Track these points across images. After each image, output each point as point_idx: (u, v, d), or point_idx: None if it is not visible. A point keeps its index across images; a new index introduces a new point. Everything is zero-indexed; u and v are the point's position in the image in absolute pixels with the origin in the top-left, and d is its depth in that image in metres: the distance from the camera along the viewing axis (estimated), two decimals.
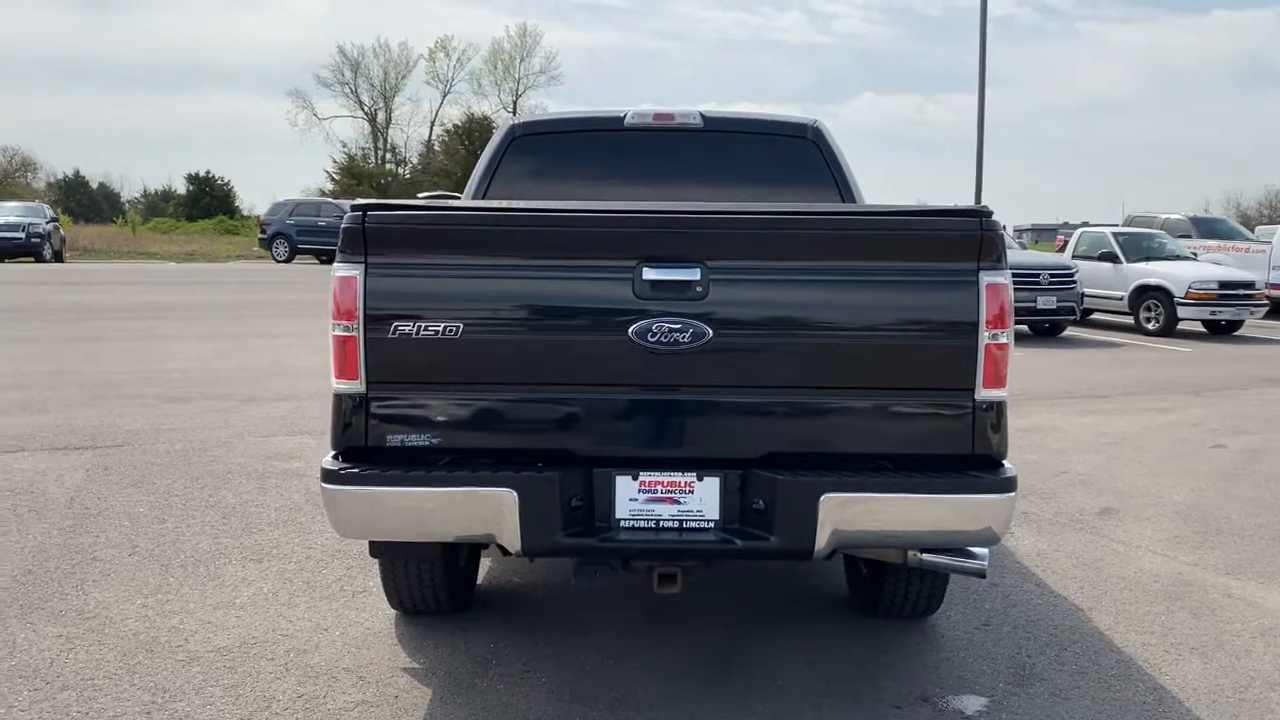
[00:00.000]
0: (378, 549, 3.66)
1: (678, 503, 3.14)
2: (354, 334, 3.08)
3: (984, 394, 3.13)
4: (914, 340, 3.12)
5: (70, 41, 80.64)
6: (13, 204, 31.87)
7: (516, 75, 52.43)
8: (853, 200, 4.79)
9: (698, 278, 3.05)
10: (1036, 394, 9.98)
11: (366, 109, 52.86)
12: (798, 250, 3.12)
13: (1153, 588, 4.60)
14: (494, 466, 3.07)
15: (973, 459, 3.15)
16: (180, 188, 59.50)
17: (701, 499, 3.14)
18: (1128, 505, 5.96)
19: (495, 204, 3.94)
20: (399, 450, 3.12)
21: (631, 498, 3.14)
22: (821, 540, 3.05)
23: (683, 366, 3.07)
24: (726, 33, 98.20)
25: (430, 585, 3.92)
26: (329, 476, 3.07)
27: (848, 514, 3.04)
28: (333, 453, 3.15)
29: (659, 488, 3.14)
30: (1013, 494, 3.11)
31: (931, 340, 3.11)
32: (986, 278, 3.09)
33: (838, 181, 4.82)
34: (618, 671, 3.67)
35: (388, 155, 53.46)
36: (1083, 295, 15.66)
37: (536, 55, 52.81)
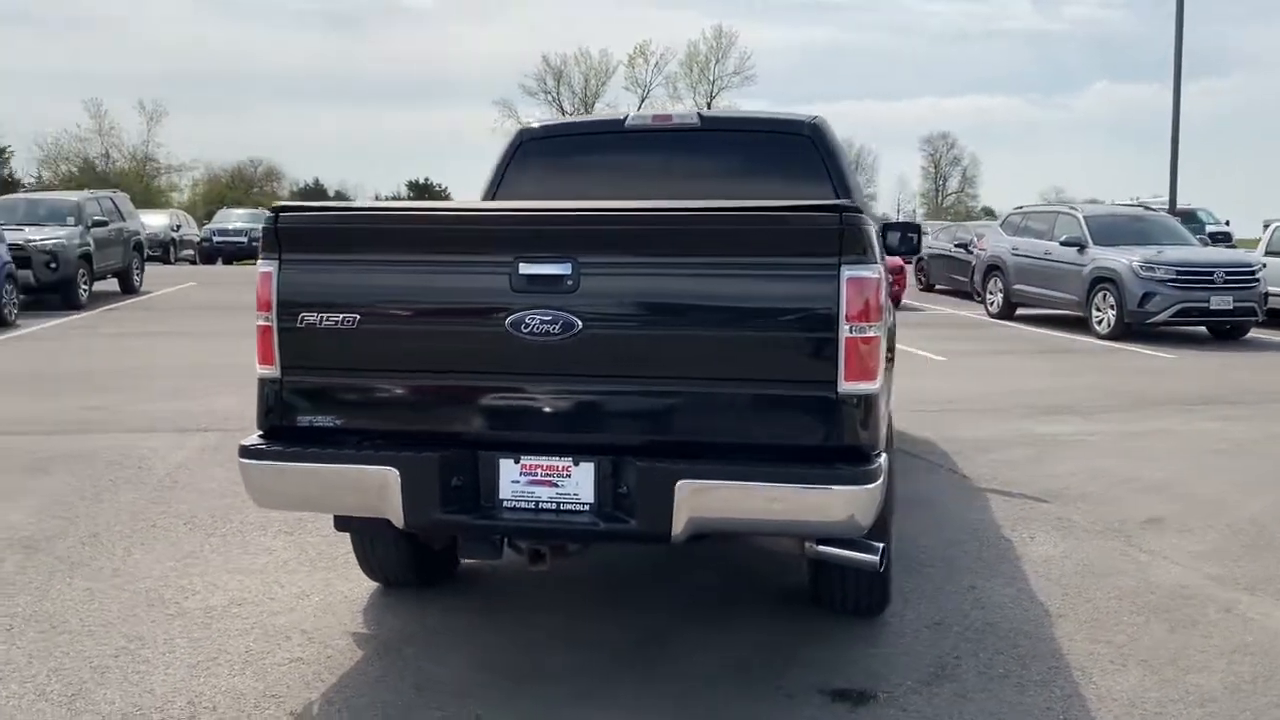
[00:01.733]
0: (341, 523, 3.99)
1: (556, 485, 3.31)
2: (270, 324, 3.42)
3: (847, 387, 3.15)
4: (777, 333, 3.18)
5: (323, 60, 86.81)
6: (239, 211, 35.00)
7: (711, 77, 52.84)
8: (845, 194, 4.80)
9: (569, 272, 3.21)
10: (1169, 398, 9.44)
11: (567, 116, 54.59)
12: (665, 246, 3.24)
13: (1145, 599, 4.39)
14: (381, 447, 3.33)
15: (837, 451, 3.17)
16: (404, 194, 63.09)
17: (578, 483, 3.30)
18: (1184, 515, 5.64)
19: (388, 205, 4.21)
20: (308, 430, 3.44)
21: (514, 480, 3.33)
22: (678, 525, 3.15)
23: (555, 357, 3.24)
24: (955, 24, 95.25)
25: (394, 559, 4.24)
26: (243, 452, 3.42)
27: (703, 500, 3.13)
28: (258, 431, 3.50)
29: (539, 471, 3.32)
30: (873, 485, 3.12)
31: (793, 333, 3.16)
32: (848, 272, 3.11)
33: (832, 177, 4.84)
34: (542, 647, 3.88)
35: None
36: (1266, 295, 14.51)
37: (731, 56, 53.02)
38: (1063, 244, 15.54)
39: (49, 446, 6.99)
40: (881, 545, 3.50)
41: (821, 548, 3.50)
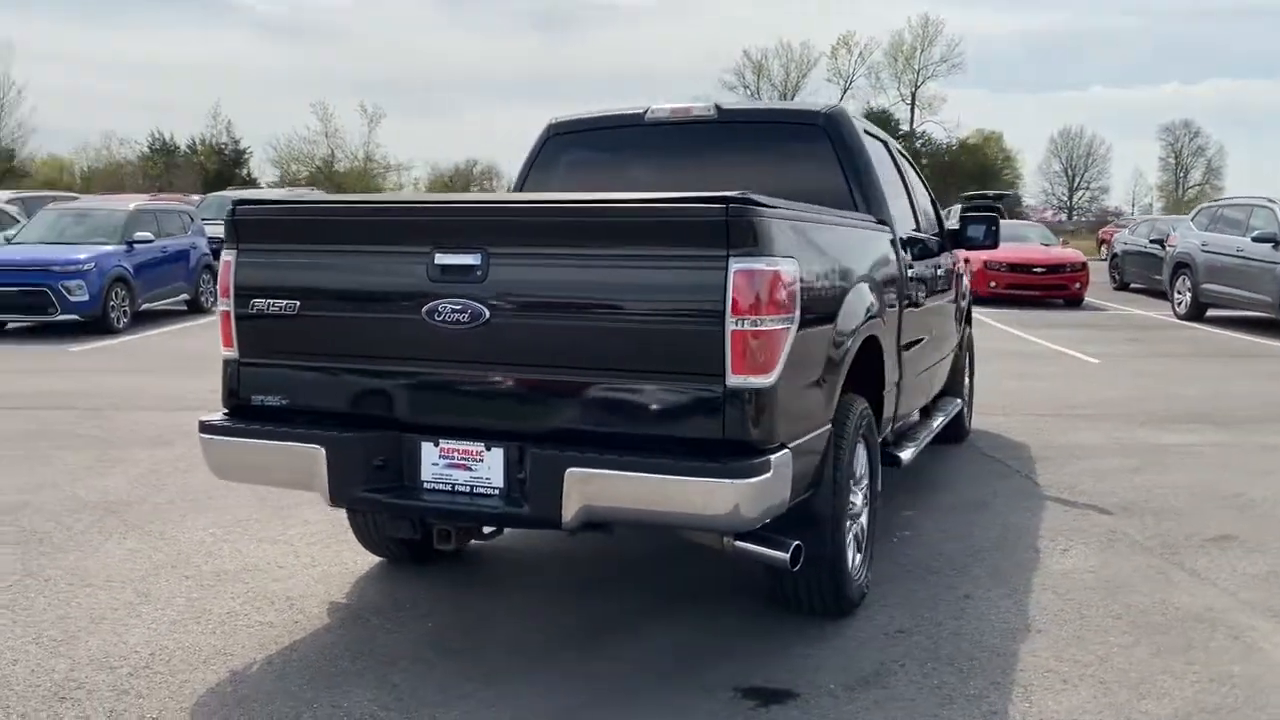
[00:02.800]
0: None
1: (470, 470, 3.44)
2: (229, 309, 3.69)
3: (735, 380, 3.12)
4: (668, 325, 3.18)
5: (535, 61, 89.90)
6: None
7: (916, 66, 51.27)
8: (859, 187, 4.69)
9: (478, 263, 3.32)
10: None
11: None
12: (564, 237, 3.30)
13: (1148, 619, 4.09)
14: (315, 426, 3.54)
15: (725, 444, 3.14)
16: None
17: (490, 468, 3.41)
18: (1261, 536, 5.17)
19: (322, 198, 4.39)
20: (260, 409, 3.70)
21: (434, 462, 3.48)
22: (569, 512, 3.21)
23: (465, 344, 3.36)
24: (1199, 3, 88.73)
25: (380, 534, 4.45)
26: (200, 427, 3.71)
27: (591, 489, 3.18)
28: (223, 409, 3.78)
29: (455, 455, 3.45)
30: (759, 479, 3.08)
31: (683, 326, 3.15)
32: (736, 264, 3.08)
33: (844, 167, 4.74)
34: (492, 625, 4.01)
35: None
36: None
37: (938, 44, 51.19)
38: (1255, 240, 14.33)
39: (176, 422, 7.64)
40: (795, 543, 3.43)
41: (738, 543, 3.47)
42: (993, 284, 18.14)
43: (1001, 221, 20.53)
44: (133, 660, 3.65)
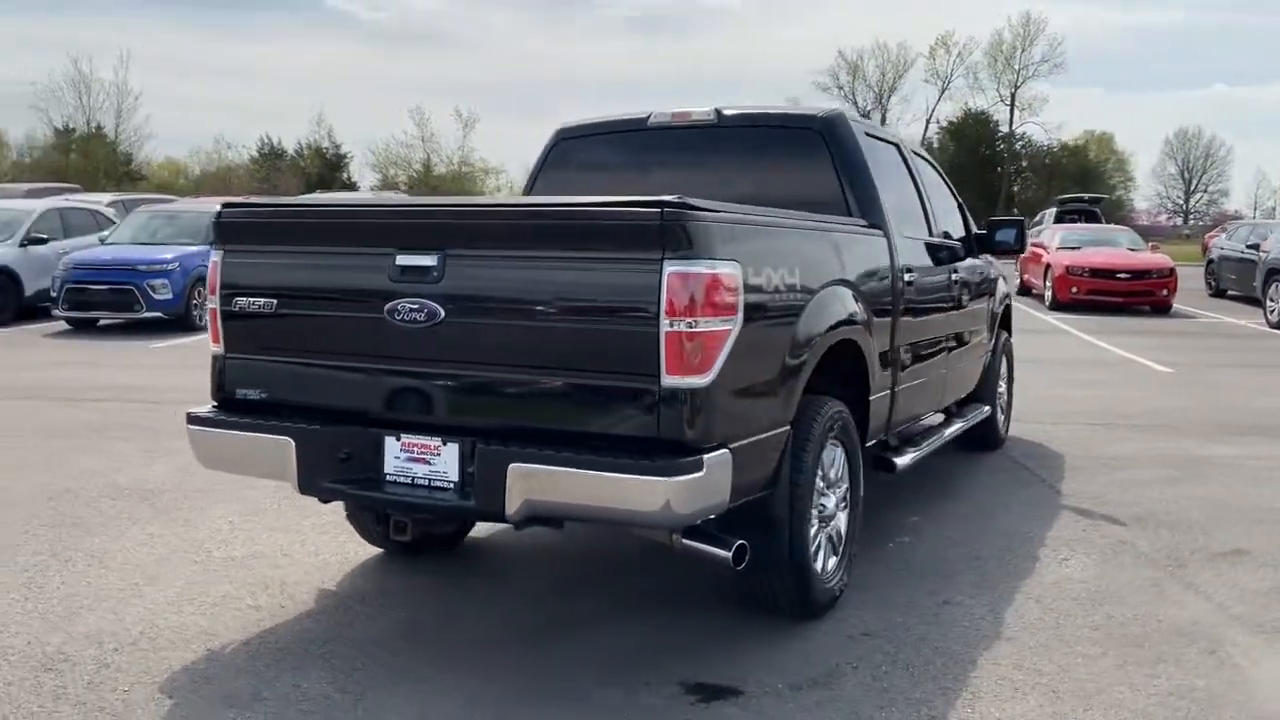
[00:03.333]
0: None
1: (429, 464, 3.56)
2: (216, 307, 3.89)
3: (670, 380, 3.18)
4: (606, 326, 3.26)
5: (631, 63, 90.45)
6: None
7: (1016, 66, 50.08)
8: (853, 191, 4.70)
9: (434, 264, 3.45)
10: None
11: (861, 110, 53.59)
12: (512, 240, 3.41)
13: (1125, 631, 4.01)
14: (283, 419, 3.71)
15: (659, 442, 3.21)
16: None
17: (446, 462, 3.53)
18: (1275, 552, 5.01)
19: (291, 201, 4.54)
20: (243, 402, 3.89)
21: (396, 455, 3.62)
22: (512, 506, 3.31)
23: (422, 342, 3.49)
24: None
25: (373, 526, 4.60)
26: (188, 418, 3.91)
27: (533, 484, 3.28)
28: (212, 402, 3.98)
29: (415, 449, 3.58)
30: (690, 477, 3.14)
31: (620, 326, 3.23)
32: (671, 267, 3.15)
33: (838, 171, 4.75)
34: (460, 616, 4.14)
35: None
36: None
37: (1039, 43, 49.87)
38: None
39: None
40: (739, 542, 3.48)
41: (685, 540, 3.53)
42: (1074, 290, 17.69)
43: (1089, 226, 20.12)
44: (122, 637, 3.87)
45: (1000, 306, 7.06)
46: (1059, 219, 27.03)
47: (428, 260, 3.46)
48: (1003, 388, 7.33)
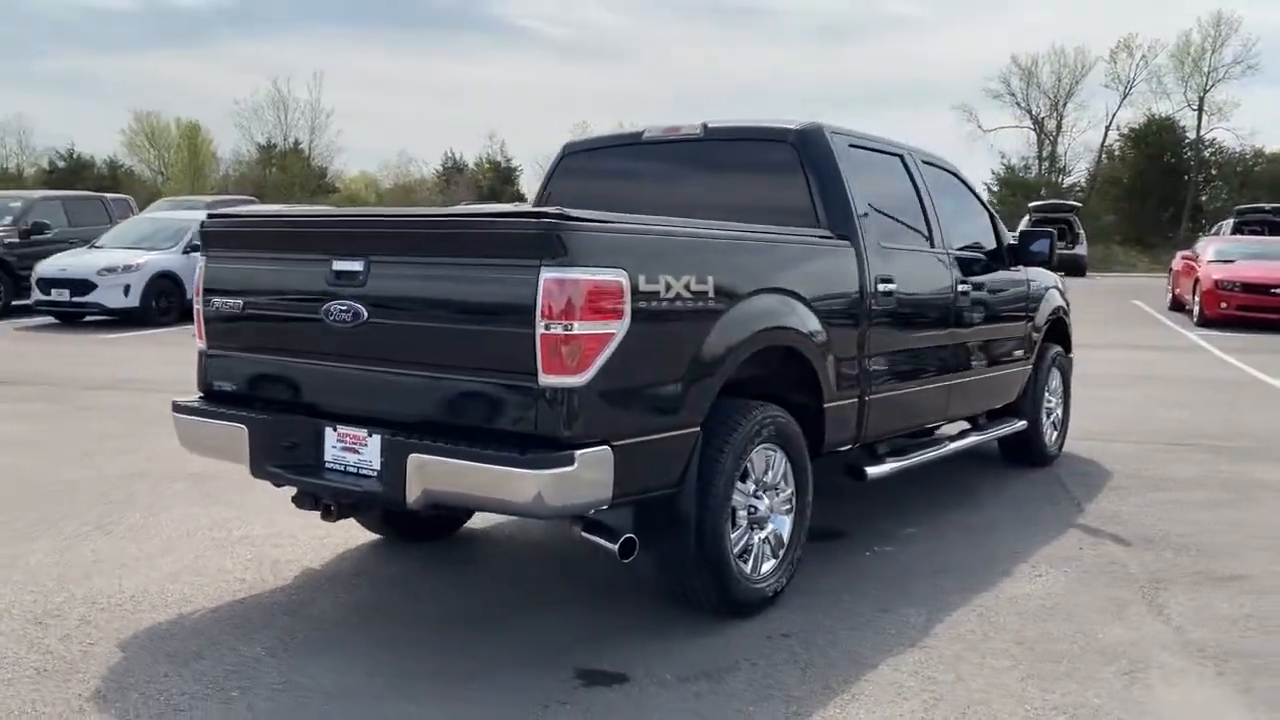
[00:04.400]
0: None
1: (358, 453, 3.89)
2: (199, 307, 4.33)
3: (546, 380, 3.40)
4: (493, 328, 3.51)
5: (811, 72, 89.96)
6: None
7: (1205, 69, 47.15)
8: (823, 202, 4.80)
9: (361, 268, 3.78)
10: None
11: (1034, 117, 51.65)
12: (419, 247, 3.71)
13: (1057, 648, 3.97)
14: (241, 409, 4.11)
15: (536, 437, 3.43)
16: None
17: (371, 452, 3.85)
18: (1276, 582, 4.80)
19: (249, 210, 4.89)
20: (220, 393, 4.32)
21: (333, 445, 3.96)
22: (412, 494, 3.60)
23: (350, 341, 3.83)
24: None
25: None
26: (172, 406, 4.37)
27: (428, 473, 3.55)
28: (198, 392, 4.43)
29: (348, 439, 3.92)
30: (558, 471, 3.35)
31: (504, 329, 3.47)
32: (547, 273, 3.37)
33: (809, 183, 4.85)
34: (415, 600, 4.45)
35: (1047, 164, 51.55)
36: None
37: (1230, 44, 46.83)
38: None
39: None
40: (626, 536, 3.66)
41: (583, 532, 3.74)
42: (1223, 305, 16.74)
43: (1251, 239, 19.01)
44: (113, 599, 4.35)
45: (1046, 320, 6.90)
46: (1237, 229, 25.68)
47: (356, 265, 3.78)
48: (1053, 403, 7.15)
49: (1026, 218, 32.30)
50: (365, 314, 3.76)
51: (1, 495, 6.01)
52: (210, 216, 4.37)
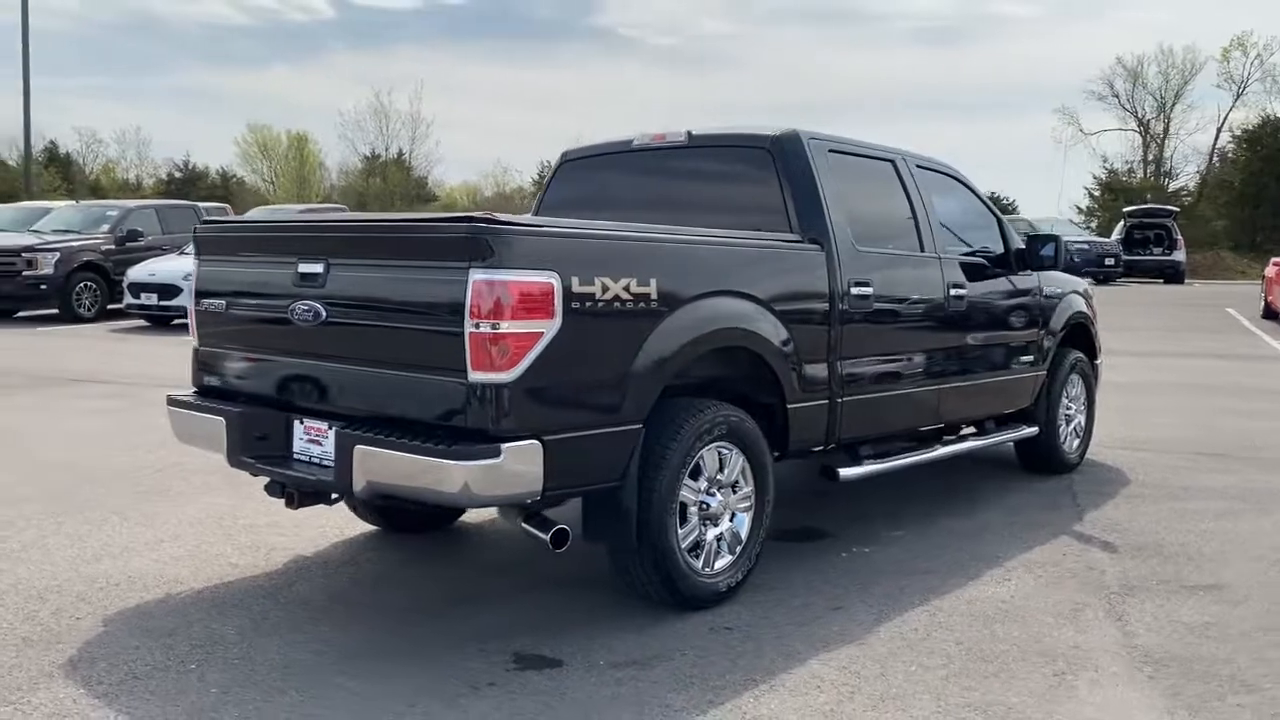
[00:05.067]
0: None
1: (321, 445, 4.13)
2: (192, 307, 4.64)
3: (475, 376, 3.59)
4: (429, 327, 3.72)
5: (916, 76, 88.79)
6: None
7: None
8: (796, 207, 4.90)
9: (321, 270, 4.02)
10: None
11: (1139, 119, 49.99)
12: (366, 251, 3.94)
13: (994, 649, 3.99)
14: (222, 402, 4.39)
15: (466, 431, 3.62)
16: None
17: (330, 443, 4.08)
18: (1254, 590, 4.71)
19: (230, 218, 5.13)
20: (208, 387, 4.62)
21: (300, 437, 4.22)
22: (358, 484, 3.82)
23: (313, 340, 4.08)
24: None
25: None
26: (167, 400, 4.68)
27: (370, 464, 3.77)
28: (192, 387, 4.74)
29: (313, 432, 4.16)
30: (483, 463, 3.53)
31: (438, 328, 3.67)
32: (476, 275, 3.55)
33: (783, 189, 4.95)
34: (389, 587, 4.68)
35: (1153, 168, 49.76)
36: None
37: None
38: None
39: None
40: (558, 527, 3.82)
41: (522, 523, 3.92)
42: None
43: None
44: (112, 579, 4.67)
45: (1063, 325, 6.83)
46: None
47: (317, 267, 4.03)
48: (1072, 409, 7.07)
49: (1120, 223, 31.53)
50: (324, 313, 4.00)
51: (52, 483, 6.43)
52: (202, 223, 4.67)
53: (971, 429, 6.38)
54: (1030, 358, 6.53)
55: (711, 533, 4.35)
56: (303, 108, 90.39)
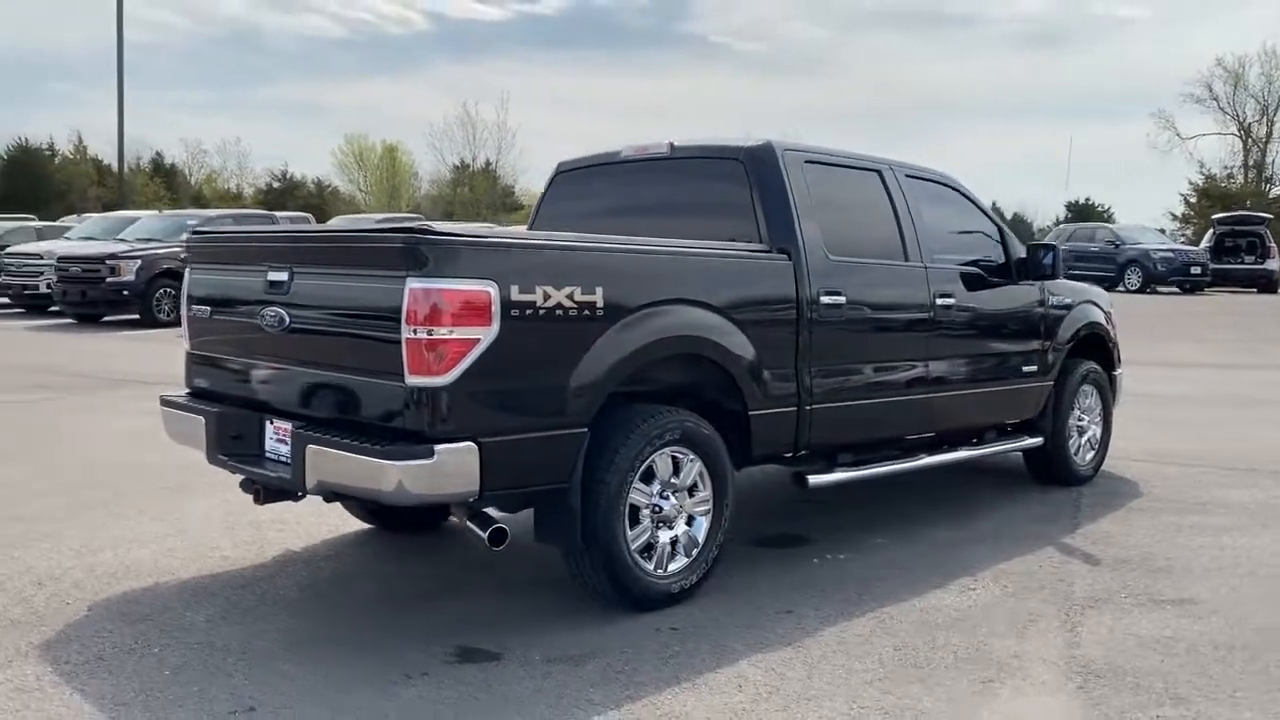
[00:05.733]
0: None
1: (287, 444, 4.35)
2: (184, 313, 4.92)
3: (411, 380, 3.76)
4: (374, 333, 3.90)
5: (1007, 81, 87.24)
6: None
7: None
8: (765, 217, 4.99)
9: (286, 278, 4.25)
10: None
11: (1240, 123, 48.25)
12: (324, 261, 4.15)
13: (930, 656, 4.02)
14: (205, 403, 4.65)
15: (403, 432, 3.80)
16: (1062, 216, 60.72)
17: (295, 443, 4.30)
18: (1226, 607, 4.64)
19: (211, 228, 5.35)
20: (196, 389, 4.89)
21: (270, 437, 4.44)
22: (310, 482, 4.03)
23: (279, 344, 4.31)
24: None
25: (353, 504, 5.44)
26: (160, 400, 4.96)
27: (318, 463, 3.97)
28: (185, 389, 5.02)
29: (280, 432, 4.38)
30: (415, 463, 3.71)
31: (380, 334, 3.86)
32: (412, 283, 3.73)
33: (754, 199, 5.04)
34: (364, 580, 4.88)
35: (1254, 173, 47.95)
36: None
37: None
38: None
39: None
40: (495, 526, 3.98)
41: (466, 521, 4.09)
42: None
43: None
44: (110, 570, 4.96)
45: (1073, 336, 6.75)
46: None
47: (282, 275, 4.25)
48: (1084, 421, 6.98)
49: (1210, 231, 30.58)
50: (288, 319, 4.23)
51: (86, 479, 6.81)
52: (193, 233, 4.95)
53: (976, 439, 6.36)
54: (1034, 368, 6.47)
55: (665, 535, 4.45)
56: (399, 119, 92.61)
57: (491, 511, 4.23)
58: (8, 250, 19.49)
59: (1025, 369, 6.41)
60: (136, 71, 74.20)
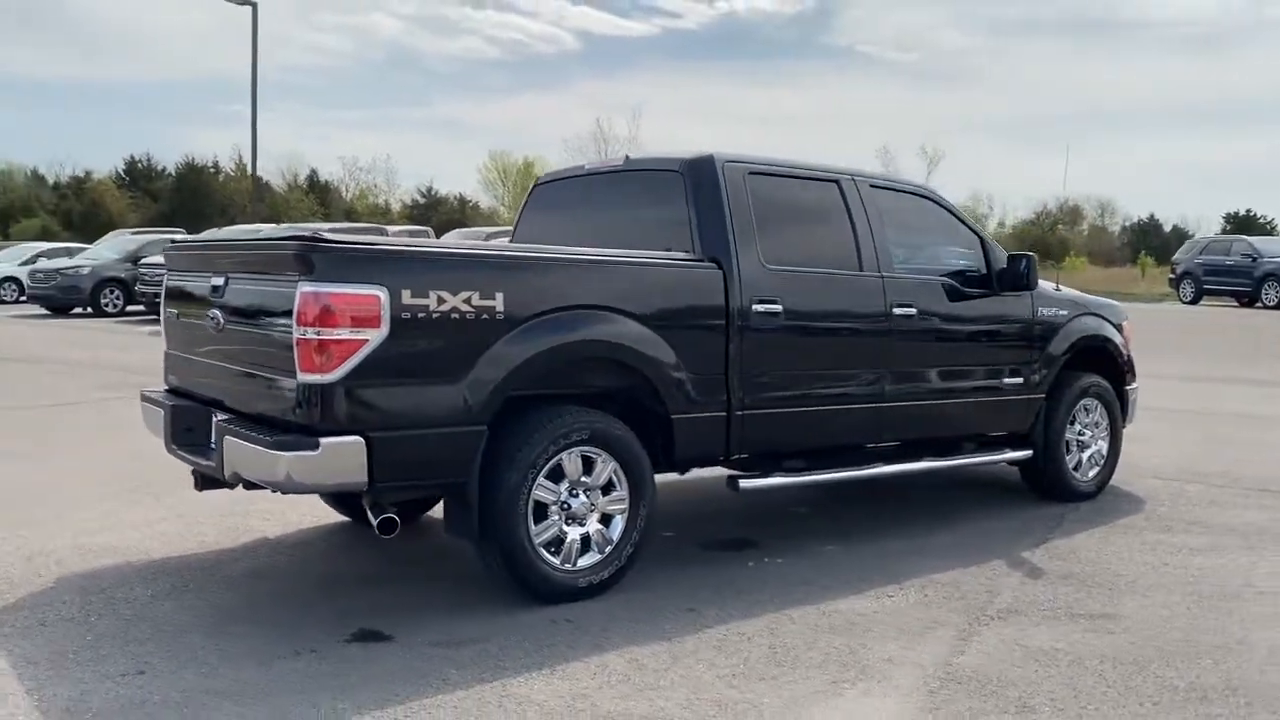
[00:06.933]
0: None
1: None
2: (162, 315, 5.39)
3: (302, 377, 4.07)
4: (274, 333, 4.24)
5: (1164, 87, 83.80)
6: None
7: None
8: (699, 228, 5.15)
9: (222, 283, 4.64)
10: None
11: None
12: (242, 266, 4.52)
13: (811, 656, 4.09)
14: (169, 397, 5.08)
15: (298, 427, 4.11)
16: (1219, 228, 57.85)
17: None
18: (1147, 620, 4.55)
19: (178, 237, 5.71)
20: (170, 386, 5.33)
21: (214, 429, 4.82)
22: (228, 470, 4.38)
23: (218, 343, 4.69)
24: None
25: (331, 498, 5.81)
26: (140, 395, 5.43)
27: (230, 453, 4.33)
28: (164, 385, 5.47)
29: (222, 424, 4.77)
30: (300, 454, 4.02)
31: (279, 334, 4.18)
32: (304, 287, 4.05)
33: (689, 210, 5.21)
34: (310, 567, 5.22)
35: None
36: None
37: None
38: None
39: None
40: (384, 516, 4.25)
41: (368, 509, 4.37)
42: None
43: None
44: (94, 549, 5.44)
45: (1068, 348, 6.61)
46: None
47: (220, 280, 4.64)
48: (1086, 436, 6.82)
49: None
50: (222, 321, 4.61)
51: (114, 468, 7.38)
52: (171, 243, 5.42)
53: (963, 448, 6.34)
54: (1018, 380, 6.38)
55: (575, 532, 4.64)
56: (545, 135, 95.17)
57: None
58: (143, 261, 20.91)
59: (1007, 381, 6.33)
60: (300, 91, 78.44)
